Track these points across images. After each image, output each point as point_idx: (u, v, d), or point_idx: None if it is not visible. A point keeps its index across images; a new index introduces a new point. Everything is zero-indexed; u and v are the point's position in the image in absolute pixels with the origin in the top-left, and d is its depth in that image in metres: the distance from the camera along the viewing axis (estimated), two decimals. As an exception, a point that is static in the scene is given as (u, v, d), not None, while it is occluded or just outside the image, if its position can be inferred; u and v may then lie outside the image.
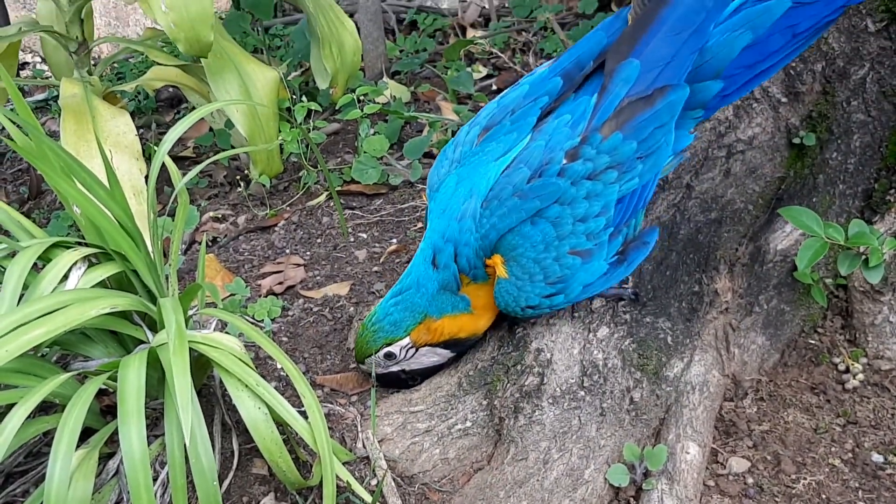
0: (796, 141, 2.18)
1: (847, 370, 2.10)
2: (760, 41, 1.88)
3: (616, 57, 1.92)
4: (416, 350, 2.10)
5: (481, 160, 2.03)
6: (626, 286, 2.08)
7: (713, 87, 1.91)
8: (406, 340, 2.08)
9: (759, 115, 2.20)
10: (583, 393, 1.95)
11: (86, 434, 1.76)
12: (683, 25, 1.87)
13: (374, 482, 1.94)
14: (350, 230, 2.89)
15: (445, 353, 2.13)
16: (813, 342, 2.14)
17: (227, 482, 1.97)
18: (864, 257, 1.96)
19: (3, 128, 3.96)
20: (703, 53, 1.89)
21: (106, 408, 2.09)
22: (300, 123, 3.15)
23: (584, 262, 1.94)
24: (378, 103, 3.30)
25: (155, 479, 1.91)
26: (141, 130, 3.64)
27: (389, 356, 2.10)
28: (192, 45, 2.39)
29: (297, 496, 1.93)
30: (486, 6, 4.63)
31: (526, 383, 1.97)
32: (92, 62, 3.12)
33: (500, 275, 1.97)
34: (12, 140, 2.00)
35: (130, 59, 4.57)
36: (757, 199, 2.18)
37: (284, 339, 2.39)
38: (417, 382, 2.17)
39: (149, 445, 1.66)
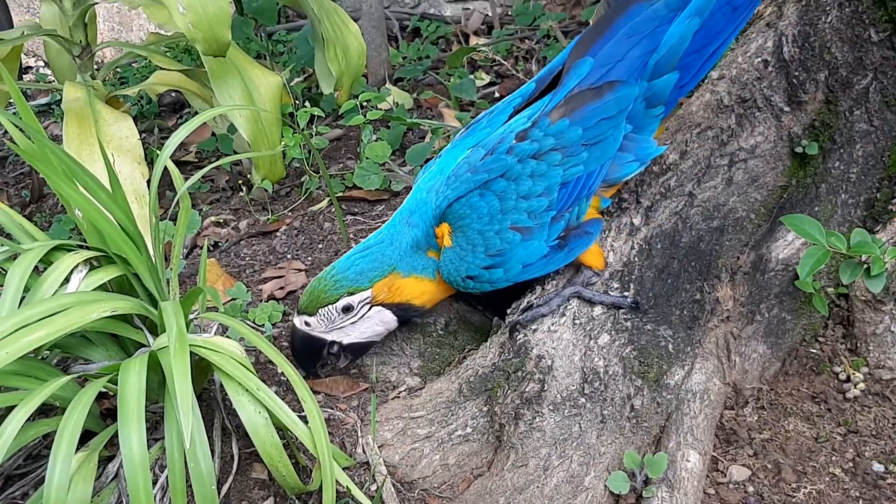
0: (799, 150, 2.18)
1: (848, 379, 2.09)
2: (706, 24, 2.01)
3: (573, 57, 2.08)
4: (370, 308, 2.10)
5: (457, 149, 2.17)
6: (625, 294, 2.08)
7: (671, 80, 2.04)
8: (368, 293, 2.09)
9: (761, 123, 2.20)
10: (583, 400, 1.95)
11: (86, 437, 1.76)
12: (637, 31, 2.03)
13: (373, 487, 1.94)
14: (351, 236, 2.89)
15: (391, 322, 2.14)
16: (814, 351, 2.14)
17: (226, 486, 1.97)
18: (865, 266, 1.96)
19: (6, 131, 3.98)
20: (659, 50, 2.02)
21: (106, 411, 2.09)
22: (303, 129, 3.15)
23: (523, 239, 2.03)
24: (381, 109, 3.30)
25: (154, 483, 1.91)
26: (143, 135, 3.64)
27: (347, 309, 2.09)
28: (211, 45, 2.39)
29: (297, 501, 1.93)
30: (490, 14, 4.64)
31: (527, 390, 1.97)
32: (95, 66, 3.12)
33: (445, 244, 2.06)
34: (15, 143, 2.01)
35: (133, 64, 4.58)
36: (759, 207, 2.18)
37: (285, 343, 2.39)
38: (347, 362, 2.18)
39: (148, 449, 1.66)
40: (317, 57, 3.38)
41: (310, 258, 2.83)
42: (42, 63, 5.24)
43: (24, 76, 4.97)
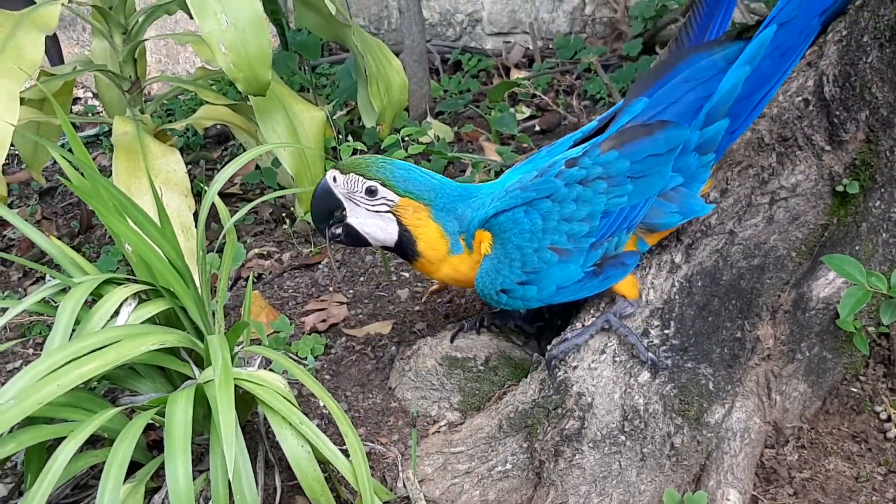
0: (839, 188, 2.18)
1: (889, 419, 2.08)
2: (756, 71, 2.04)
3: (629, 97, 2.15)
4: (387, 210, 2.15)
5: (515, 173, 2.25)
6: (650, 346, 2.10)
7: (722, 126, 2.07)
8: (395, 198, 2.14)
9: (802, 162, 2.21)
10: (623, 438, 1.95)
11: (133, 468, 1.79)
12: (694, 77, 2.08)
13: (413, 522, 1.96)
14: (392, 269, 2.92)
15: (391, 237, 2.18)
16: (855, 390, 2.13)
17: (269, 518, 1.99)
18: (906, 306, 1.96)
19: (55, 162, 4.06)
20: (712, 97, 2.06)
21: (152, 442, 2.12)
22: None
23: (560, 261, 2.07)
24: (422, 143, 3.34)
25: (199, 514, 1.94)
26: (189, 166, 3.69)
27: (371, 192, 2.14)
28: (251, 84, 2.44)
29: (338, 534, 1.95)
30: (531, 47, 4.67)
31: (566, 427, 1.98)
32: (143, 100, 3.18)
33: (483, 251, 2.11)
34: (68, 179, 2.06)
35: (180, 97, 4.66)
36: (800, 246, 2.18)
37: (327, 376, 2.42)
38: (339, 240, 2.24)
39: (194, 480, 1.69)
40: (359, 91, 3.42)
41: (351, 291, 2.86)
42: (91, 94, 5.33)
43: (73, 107, 5.07)
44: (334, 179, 2.17)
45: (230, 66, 2.39)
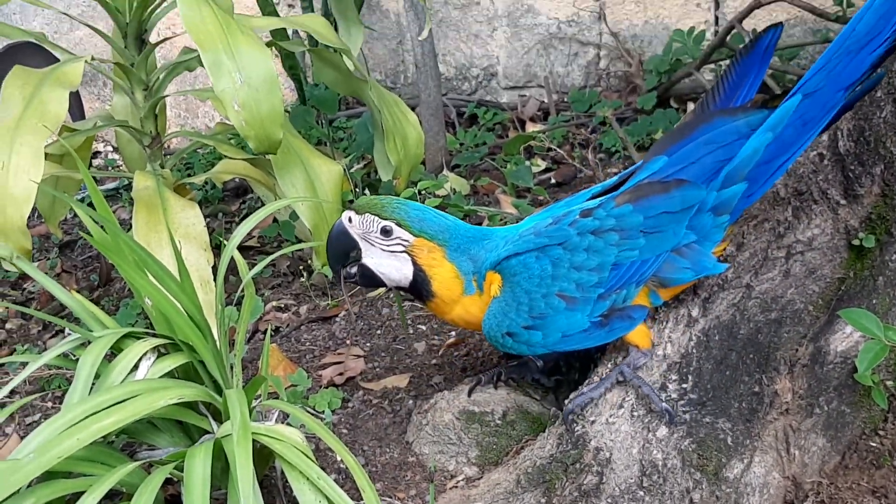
0: (856, 243, 2.19)
1: (910, 474, 2.07)
2: (778, 138, 2.05)
3: (650, 154, 2.18)
4: (403, 251, 2.17)
5: (531, 220, 2.27)
6: (665, 398, 2.10)
7: (739, 190, 2.08)
8: (410, 238, 2.16)
9: (818, 216, 2.22)
10: (642, 493, 1.94)
11: (150, 523, 1.79)
12: (715, 140, 2.10)
13: (431, 578, 1.95)
14: (409, 322, 2.93)
15: (406, 278, 2.20)
16: (874, 445, 2.12)
17: (286, 574, 1.99)
18: (925, 361, 1.95)
19: (74, 214, 4.10)
20: (732, 161, 2.07)
21: (170, 497, 2.12)
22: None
23: (567, 308, 2.08)
24: (438, 196, 3.36)
25: (216, 569, 1.93)
26: (208, 219, 3.72)
27: (386, 232, 2.16)
28: (262, 143, 2.47)
29: (356, 590, 1.93)
30: (546, 100, 4.71)
31: (585, 482, 1.97)
32: (163, 154, 3.22)
33: (493, 293, 2.13)
34: (88, 233, 2.08)
35: (199, 151, 4.71)
36: (817, 299, 2.18)
37: (344, 430, 2.42)
38: (353, 281, 2.25)
39: (212, 536, 1.68)
40: (376, 146, 3.45)
41: (368, 344, 2.87)
42: (111, 148, 5.39)
43: (93, 161, 5.12)
44: (350, 220, 2.19)
45: (242, 124, 2.42)
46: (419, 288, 2.20)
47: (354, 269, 2.23)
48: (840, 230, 2.21)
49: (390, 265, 2.19)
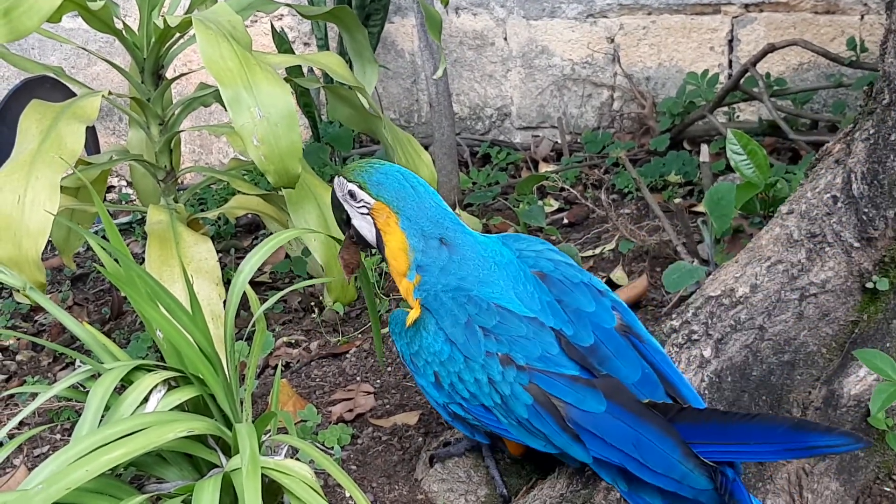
0: (869, 285, 2.18)
1: (925, 521, 2.05)
2: None
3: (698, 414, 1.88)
4: (367, 213, 2.17)
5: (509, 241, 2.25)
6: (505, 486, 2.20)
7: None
8: (372, 202, 2.14)
9: (831, 258, 2.21)
10: (652, 534, 1.93)
11: (157, 557, 1.79)
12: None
13: None
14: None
15: (371, 237, 2.21)
16: (888, 489, 2.10)
17: None
18: (940, 405, 1.94)
19: (88, 247, 4.11)
20: None
21: (177, 530, 2.11)
22: (373, 254, 3.21)
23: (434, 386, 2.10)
24: (451, 235, 3.36)
25: None
26: (220, 254, 3.73)
27: (352, 195, 2.17)
28: (281, 177, 2.48)
29: None
30: (559, 141, 4.73)
31: (595, 522, 1.96)
32: (177, 188, 3.23)
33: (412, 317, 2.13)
34: (101, 266, 2.09)
35: (213, 186, 4.73)
36: (830, 342, 2.18)
37: (353, 466, 2.41)
38: (354, 241, 2.30)
39: (219, 571, 1.68)
40: (390, 184, 3.45)
41: (378, 381, 2.87)
42: (125, 182, 5.42)
43: (107, 194, 5.15)
44: (337, 183, 2.23)
45: (261, 159, 2.43)
46: (382, 254, 2.22)
47: (351, 230, 2.26)
48: (854, 273, 2.21)
49: (362, 227, 2.21)
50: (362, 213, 2.19)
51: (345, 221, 2.27)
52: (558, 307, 2.02)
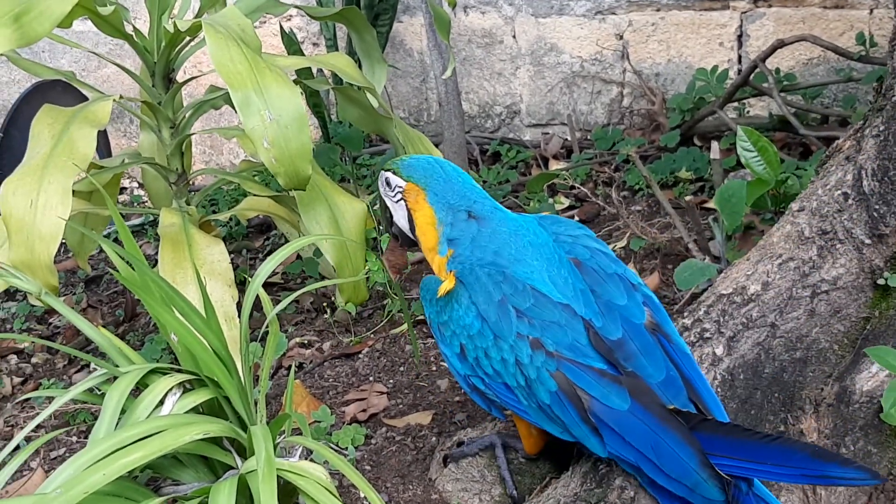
0: (881, 282, 2.18)
1: (938, 516, 2.05)
2: None
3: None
4: (401, 198, 2.19)
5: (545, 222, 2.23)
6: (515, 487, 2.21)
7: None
8: (402, 184, 2.17)
9: (842, 255, 2.21)
10: (666, 532, 1.93)
11: (174, 559, 1.80)
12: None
13: None
14: (433, 359, 2.93)
15: (404, 223, 2.23)
16: (902, 486, 2.11)
17: None
18: (952, 401, 1.94)
19: (101, 250, 4.13)
20: None
21: (194, 532, 2.12)
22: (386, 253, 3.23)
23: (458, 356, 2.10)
24: (462, 234, 3.36)
25: None
26: (232, 256, 3.75)
27: (387, 183, 2.21)
28: (292, 179, 2.49)
29: None
30: (569, 138, 4.73)
31: (608, 521, 1.96)
32: (189, 191, 3.25)
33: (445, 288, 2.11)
34: (115, 269, 2.10)
35: (224, 188, 4.74)
36: (842, 338, 2.18)
37: (367, 467, 2.42)
38: (399, 242, 2.35)
39: (235, 572, 1.69)
40: (400, 183, 3.46)
41: (391, 381, 2.87)
42: (136, 184, 5.43)
43: (119, 197, 5.17)
44: (379, 179, 2.26)
45: (272, 161, 2.44)
46: (415, 238, 2.23)
47: (394, 228, 2.29)
48: (865, 269, 2.21)
49: (398, 216, 2.23)
50: (396, 201, 2.20)
51: (388, 220, 2.30)
52: (591, 297, 2.01)
